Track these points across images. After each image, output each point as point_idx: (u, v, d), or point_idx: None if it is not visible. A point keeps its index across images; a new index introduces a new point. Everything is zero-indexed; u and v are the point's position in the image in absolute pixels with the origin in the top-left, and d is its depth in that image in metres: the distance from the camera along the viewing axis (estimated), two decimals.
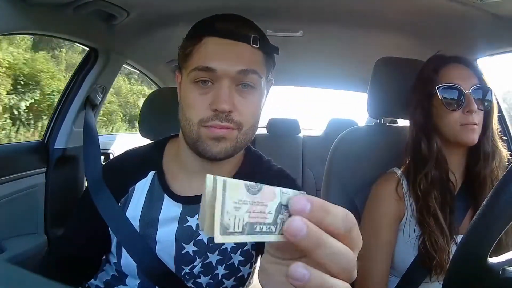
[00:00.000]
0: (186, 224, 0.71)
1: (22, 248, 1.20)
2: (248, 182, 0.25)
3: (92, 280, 0.78)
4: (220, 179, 0.23)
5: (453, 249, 0.77)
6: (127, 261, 0.71)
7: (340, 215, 0.26)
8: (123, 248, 0.71)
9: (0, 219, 1.18)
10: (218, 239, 0.23)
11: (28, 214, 1.27)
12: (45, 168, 1.36)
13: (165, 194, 0.72)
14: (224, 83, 0.62)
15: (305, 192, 0.27)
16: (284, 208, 0.26)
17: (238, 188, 0.24)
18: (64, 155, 1.40)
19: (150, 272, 0.70)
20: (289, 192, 0.26)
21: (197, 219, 0.69)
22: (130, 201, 0.73)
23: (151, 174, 0.74)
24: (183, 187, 0.73)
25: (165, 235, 0.71)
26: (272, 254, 0.30)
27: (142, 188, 0.73)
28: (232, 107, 0.62)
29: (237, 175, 0.73)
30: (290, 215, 0.26)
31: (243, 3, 1.16)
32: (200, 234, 0.70)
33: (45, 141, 1.40)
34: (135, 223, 0.71)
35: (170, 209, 0.71)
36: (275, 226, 0.25)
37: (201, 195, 0.25)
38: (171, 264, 0.71)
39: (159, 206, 0.72)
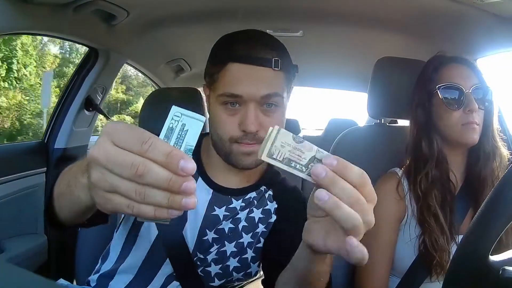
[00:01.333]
0: (213, 213, 0.75)
1: (22, 248, 1.20)
2: (294, 135, 0.38)
3: (91, 276, 0.79)
4: (276, 127, 0.37)
5: (454, 249, 0.77)
6: (147, 229, 0.73)
7: (356, 171, 0.37)
8: None
9: (0, 219, 1.18)
10: (263, 157, 0.37)
11: (28, 214, 1.27)
12: (45, 168, 1.36)
13: (199, 177, 0.77)
14: (250, 106, 0.68)
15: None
16: (316, 160, 0.38)
17: (286, 135, 0.37)
18: (64, 155, 1.40)
19: (170, 247, 0.72)
20: (324, 152, 0.38)
21: (224, 210, 0.76)
22: None
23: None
24: (214, 176, 0.78)
25: (193, 218, 0.74)
26: (312, 214, 0.43)
27: None
28: (258, 127, 0.68)
29: (257, 182, 0.81)
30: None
31: (244, 4, 1.16)
32: (222, 223, 0.76)
33: (45, 141, 1.40)
34: None
35: (201, 191, 0.76)
36: (306, 168, 0.38)
37: (228, 188, 0.68)
38: (190, 247, 0.74)
39: None
